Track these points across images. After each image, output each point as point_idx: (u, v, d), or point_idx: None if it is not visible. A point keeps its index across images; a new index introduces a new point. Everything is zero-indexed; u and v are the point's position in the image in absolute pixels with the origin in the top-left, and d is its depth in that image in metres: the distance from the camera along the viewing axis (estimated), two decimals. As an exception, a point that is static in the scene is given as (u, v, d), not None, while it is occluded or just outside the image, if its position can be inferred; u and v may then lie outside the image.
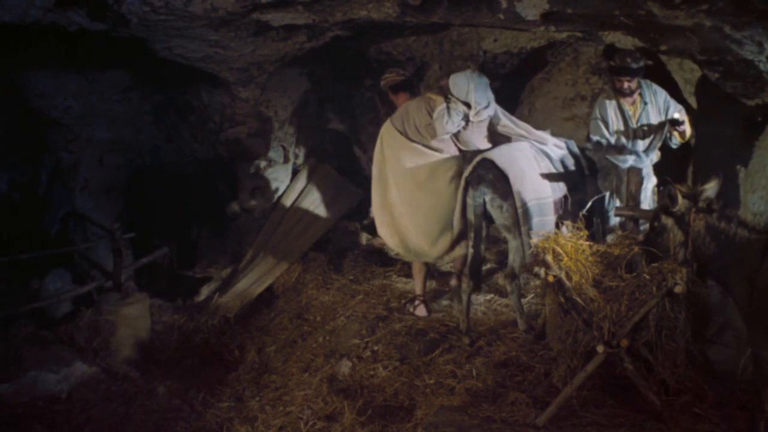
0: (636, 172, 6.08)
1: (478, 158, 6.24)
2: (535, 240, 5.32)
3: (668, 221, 4.45)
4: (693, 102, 7.37)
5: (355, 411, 5.36)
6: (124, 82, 9.74)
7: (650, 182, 6.56)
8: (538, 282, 5.49)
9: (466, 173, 6.26)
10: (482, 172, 6.15)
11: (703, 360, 4.92)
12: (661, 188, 4.51)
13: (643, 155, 6.28)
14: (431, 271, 7.75)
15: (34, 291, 9.02)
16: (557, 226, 5.61)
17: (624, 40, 7.15)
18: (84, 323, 7.52)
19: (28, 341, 7.06)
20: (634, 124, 6.82)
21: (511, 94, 10.01)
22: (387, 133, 6.94)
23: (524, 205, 5.94)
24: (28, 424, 5.63)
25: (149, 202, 10.08)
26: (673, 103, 6.84)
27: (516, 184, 5.97)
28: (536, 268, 5.15)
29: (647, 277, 4.52)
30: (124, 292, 8.17)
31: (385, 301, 7.56)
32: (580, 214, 5.74)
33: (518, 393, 5.10)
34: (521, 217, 5.97)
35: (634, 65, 6.61)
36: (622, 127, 6.86)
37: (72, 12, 6.48)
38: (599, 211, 6.47)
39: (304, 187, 9.84)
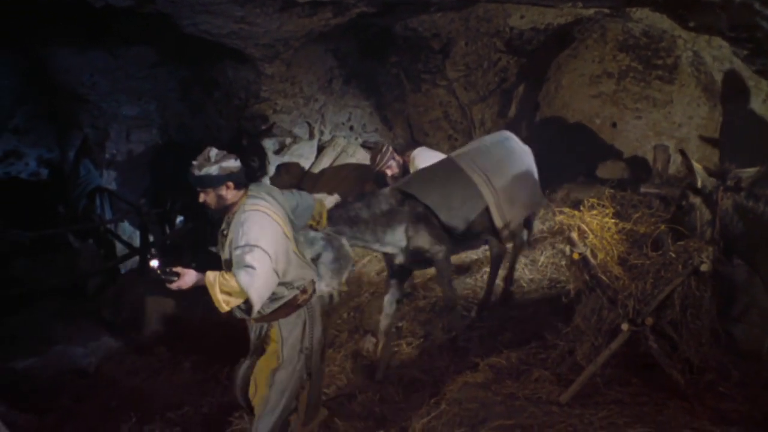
0: (663, 149, 6.03)
1: None
2: (560, 217, 5.29)
3: (696, 200, 4.41)
4: (719, 78, 7.28)
5: (378, 387, 5.38)
6: (150, 59, 9.78)
7: None
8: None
9: None
10: None
11: (728, 339, 4.87)
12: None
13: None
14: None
15: (62, 266, 9.11)
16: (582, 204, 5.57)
17: (652, 17, 7.05)
18: (111, 298, 7.59)
19: (56, 316, 7.14)
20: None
21: (537, 70, 9.94)
22: None
23: None
24: (55, 397, 5.71)
25: (175, 178, 10.12)
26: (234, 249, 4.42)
27: None
28: (562, 246, 5.13)
29: (673, 255, 4.48)
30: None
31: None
32: None
33: (542, 370, 5.08)
34: None
35: (196, 171, 4.50)
36: None
37: (98, -12, 6.52)
38: None
39: (330, 164, 9.84)
